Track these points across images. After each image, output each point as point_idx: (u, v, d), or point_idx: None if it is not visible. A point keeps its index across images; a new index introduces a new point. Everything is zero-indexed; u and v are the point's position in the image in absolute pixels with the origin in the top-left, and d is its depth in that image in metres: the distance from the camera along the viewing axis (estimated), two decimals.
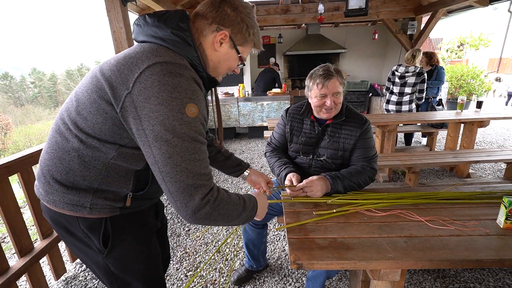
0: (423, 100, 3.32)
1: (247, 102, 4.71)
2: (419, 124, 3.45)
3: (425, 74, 3.14)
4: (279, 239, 2.00)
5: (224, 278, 1.65)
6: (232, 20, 0.72)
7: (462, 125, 3.02)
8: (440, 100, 3.54)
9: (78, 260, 1.88)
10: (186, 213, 0.64)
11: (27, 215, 2.49)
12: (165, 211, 2.49)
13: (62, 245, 1.95)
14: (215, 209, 0.67)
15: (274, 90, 4.97)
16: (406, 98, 3.23)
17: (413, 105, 3.29)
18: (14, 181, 1.42)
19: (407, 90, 3.19)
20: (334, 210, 1.01)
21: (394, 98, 3.31)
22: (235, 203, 0.74)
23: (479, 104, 3.01)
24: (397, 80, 3.21)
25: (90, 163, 0.69)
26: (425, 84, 3.16)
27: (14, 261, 1.83)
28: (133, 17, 3.62)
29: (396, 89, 3.27)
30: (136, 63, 0.63)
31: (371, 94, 6.42)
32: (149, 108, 0.61)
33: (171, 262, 1.82)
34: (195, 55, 0.70)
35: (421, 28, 5.14)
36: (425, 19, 5.15)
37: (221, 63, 0.77)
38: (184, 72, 0.64)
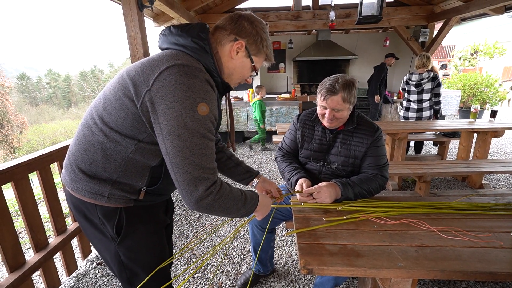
0: (441, 105, 3.27)
1: None
2: (432, 132, 3.40)
3: (439, 78, 3.11)
4: (286, 244, 2.00)
5: (231, 281, 1.66)
6: (248, 32, 0.81)
7: (475, 134, 2.96)
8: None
9: (89, 258, 1.93)
10: (190, 201, 0.71)
11: (41, 212, 2.56)
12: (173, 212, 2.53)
13: (74, 243, 2.00)
14: (216, 201, 0.73)
15: (283, 95, 4.99)
16: (426, 104, 3.20)
17: (432, 111, 3.26)
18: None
19: (425, 96, 3.16)
20: (345, 217, 1.01)
21: (414, 105, 3.27)
22: (236, 198, 0.79)
23: (493, 114, 2.95)
24: (413, 88, 3.19)
25: (111, 156, 0.76)
26: (440, 87, 3.13)
27: (28, 256, 1.88)
28: (148, 22, 3.72)
29: (413, 97, 3.23)
30: (157, 65, 0.71)
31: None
32: (165, 104, 0.67)
33: (178, 263, 1.84)
34: (211, 61, 0.78)
35: (434, 36, 5.09)
36: (437, 26, 5.10)
37: (236, 70, 0.85)
38: (199, 74, 0.71)
